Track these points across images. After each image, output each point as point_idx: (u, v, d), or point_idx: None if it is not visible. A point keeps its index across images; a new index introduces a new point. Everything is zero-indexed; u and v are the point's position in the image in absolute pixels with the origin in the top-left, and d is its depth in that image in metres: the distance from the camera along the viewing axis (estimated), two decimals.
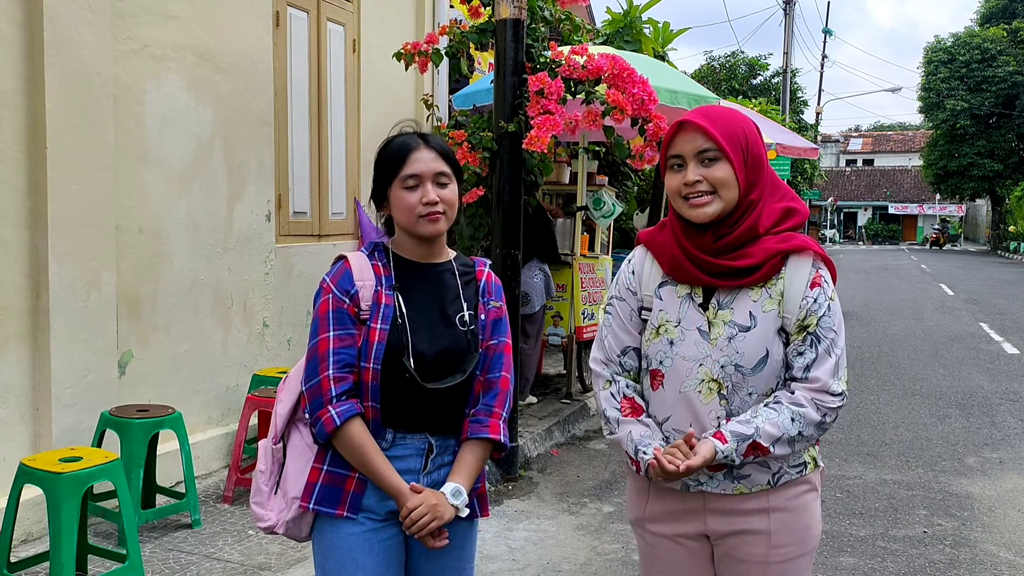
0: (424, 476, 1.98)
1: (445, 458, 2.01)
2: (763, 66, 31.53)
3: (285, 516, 1.99)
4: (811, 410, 1.84)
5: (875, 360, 9.67)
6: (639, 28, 8.84)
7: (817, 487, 1.99)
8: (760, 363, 1.87)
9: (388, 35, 6.59)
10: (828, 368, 1.85)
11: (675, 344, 1.91)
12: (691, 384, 1.89)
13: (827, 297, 1.89)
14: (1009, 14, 38.55)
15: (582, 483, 5.24)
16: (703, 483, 1.91)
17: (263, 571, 3.74)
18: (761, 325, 1.87)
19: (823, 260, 1.92)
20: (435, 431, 1.99)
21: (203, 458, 4.93)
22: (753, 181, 1.90)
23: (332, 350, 1.92)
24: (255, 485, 2.04)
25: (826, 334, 1.86)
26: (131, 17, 4.44)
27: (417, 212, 1.95)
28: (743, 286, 1.88)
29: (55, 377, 4.02)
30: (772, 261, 1.87)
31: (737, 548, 1.94)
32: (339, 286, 1.96)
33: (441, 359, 1.96)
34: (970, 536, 4.47)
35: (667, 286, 1.96)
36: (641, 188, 9.79)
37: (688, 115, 1.92)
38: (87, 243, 4.15)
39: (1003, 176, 38.16)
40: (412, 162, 1.96)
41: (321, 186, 6.02)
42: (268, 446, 2.05)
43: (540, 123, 4.94)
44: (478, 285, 2.08)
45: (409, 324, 1.95)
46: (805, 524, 1.95)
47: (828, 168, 51.51)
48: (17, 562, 3.52)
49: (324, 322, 1.94)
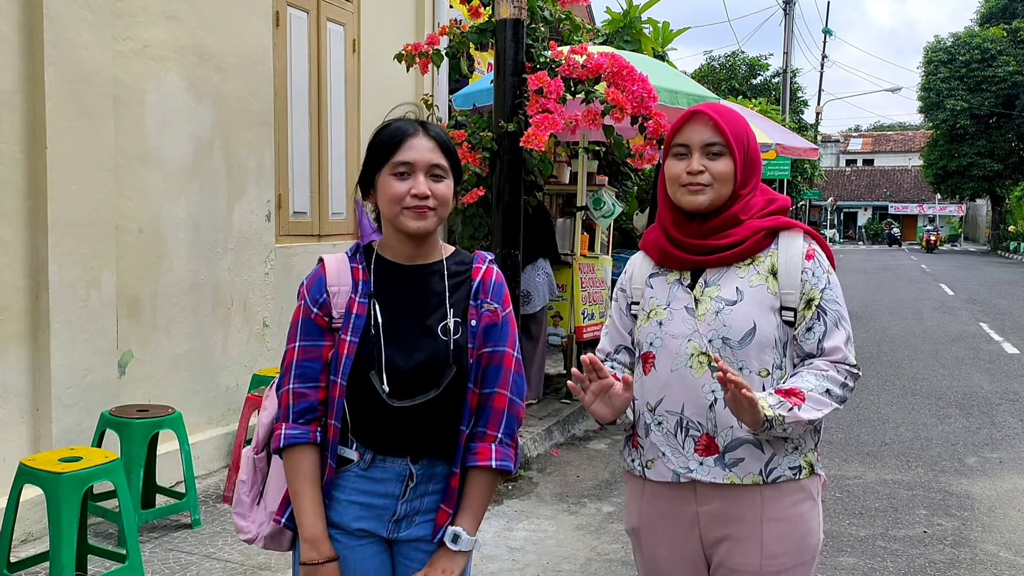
0: (403, 503, 1.83)
1: (429, 486, 1.84)
2: (763, 66, 31.54)
3: (264, 531, 1.89)
4: (834, 372, 1.85)
5: (875, 360, 9.66)
6: (639, 28, 8.84)
7: (814, 497, 1.95)
8: (747, 335, 1.87)
9: (388, 35, 6.59)
10: (840, 339, 1.87)
11: (664, 324, 1.94)
12: (682, 360, 1.90)
13: (824, 270, 1.91)
14: (1009, 14, 38.53)
15: (582, 483, 5.24)
16: (694, 470, 1.90)
17: (263, 571, 3.74)
18: (748, 298, 1.88)
19: (814, 237, 1.96)
20: (418, 454, 1.81)
21: (203, 458, 4.93)
22: (747, 180, 1.95)
23: (296, 362, 1.81)
24: (236, 495, 1.93)
25: (831, 306, 1.89)
26: (131, 17, 4.44)
27: (403, 203, 1.77)
28: (730, 263, 1.92)
29: (55, 377, 4.02)
30: (756, 237, 1.91)
31: (730, 557, 1.92)
32: (310, 293, 1.84)
33: (418, 373, 1.77)
34: (970, 536, 4.47)
35: (657, 276, 2.02)
36: (641, 188, 9.79)
37: (700, 106, 1.96)
38: (87, 243, 4.15)
39: (1003, 176, 38.15)
40: (406, 149, 1.78)
41: (321, 186, 6.02)
42: (250, 455, 1.92)
43: (538, 122, 4.94)
44: (471, 286, 1.86)
45: (384, 335, 1.78)
46: (801, 534, 1.91)
47: (828, 168, 51.50)
48: (17, 562, 3.52)
49: (293, 331, 1.84)
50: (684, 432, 1.91)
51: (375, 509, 1.84)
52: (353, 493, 1.83)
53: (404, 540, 1.87)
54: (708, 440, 1.89)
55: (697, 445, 1.90)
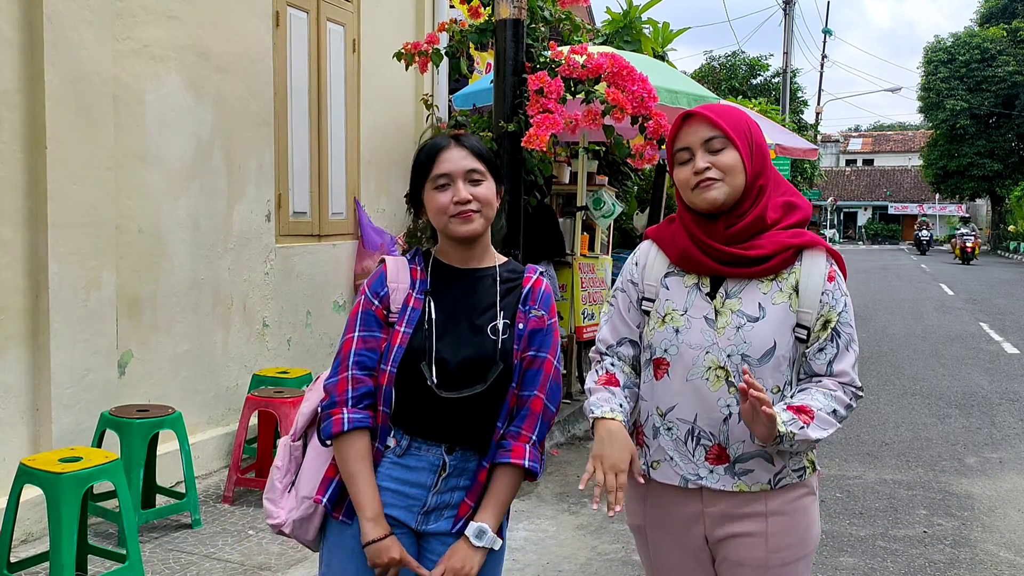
0: (434, 494, 1.93)
1: (460, 481, 1.94)
2: (763, 66, 31.51)
3: (294, 515, 1.96)
4: (841, 392, 1.87)
5: (875, 360, 9.66)
6: (639, 28, 8.83)
7: (815, 490, 1.99)
8: (767, 354, 1.87)
9: (388, 35, 6.59)
10: (849, 362, 1.89)
11: (680, 332, 1.92)
12: (698, 372, 1.89)
13: (842, 292, 1.92)
14: (1009, 14, 38.53)
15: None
16: (703, 477, 1.91)
17: (263, 571, 3.74)
18: (770, 316, 1.87)
19: (835, 257, 1.95)
20: (454, 444, 1.91)
21: (203, 458, 4.93)
22: (759, 169, 1.92)
23: (354, 351, 1.91)
24: (270, 481, 2.02)
25: (845, 329, 1.89)
26: (131, 17, 4.44)
27: (448, 212, 1.90)
28: (752, 277, 1.89)
29: (55, 377, 4.02)
30: (783, 255, 1.89)
31: (735, 552, 1.93)
32: (372, 288, 1.96)
33: (463, 368, 1.89)
34: (970, 536, 4.47)
35: (673, 276, 1.98)
36: (641, 188, 9.79)
37: (692, 110, 1.96)
38: (87, 243, 4.15)
39: (1003, 176, 38.15)
40: (441, 162, 1.92)
41: (321, 186, 6.02)
42: (287, 443, 2.03)
43: (539, 121, 4.94)
44: (521, 292, 1.99)
45: (436, 329, 1.90)
46: (804, 527, 1.94)
47: (828, 168, 51.52)
48: (17, 562, 3.51)
49: (352, 323, 1.94)
50: (695, 441, 1.91)
51: (407, 498, 1.92)
52: (386, 480, 1.91)
53: (431, 533, 1.94)
54: (720, 450, 1.90)
55: (708, 454, 1.90)
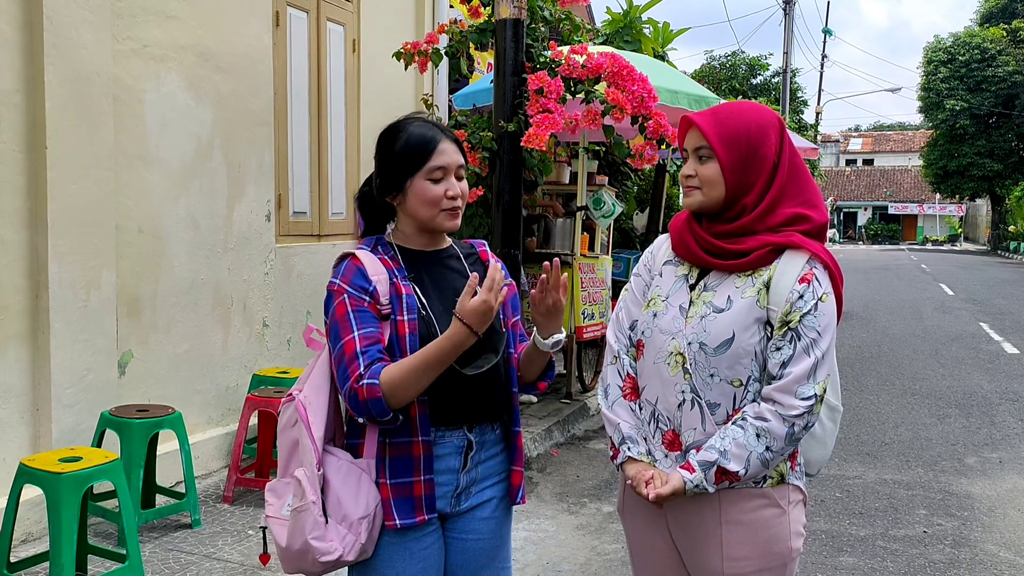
0: (464, 475, 1.96)
1: (483, 454, 1.99)
2: (763, 66, 31.50)
3: (355, 541, 1.84)
4: (776, 423, 1.82)
5: (875, 360, 9.67)
6: (639, 28, 8.84)
7: (781, 505, 1.92)
8: (723, 345, 1.86)
9: (388, 35, 6.59)
10: (803, 368, 1.82)
11: (657, 317, 1.98)
12: (662, 356, 1.94)
13: (815, 296, 1.85)
14: (1009, 14, 38.56)
15: (582, 483, 5.24)
16: (659, 461, 1.95)
17: (263, 571, 3.74)
18: (735, 309, 1.88)
19: (822, 261, 1.89)
20: (473, 423, 1.95)
21: (203, 458, 4.93)
22: (747, 182, 1.90)
23: (360, 350, 1.81)
24: (307, 520, 1.82)
25: (807, 332, 1.83)
26: (131, 17, 4.44)
27: (440, 205, 1.91)
28: (732, 271, 1.92)
29: (55, 377, 4.02)
30: (761, 251, 1.89)
31: (695, 556, 1.96)
32: (354, 284, 1.86)
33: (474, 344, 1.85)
34: (970, 536, 4.47)
35: (670, 265, 2.04)
36: (641, 188, 9.79)
37: (697, 113, 2.00)
38: (87, 243, 4.15)
39: (1003, 176, 38.16)
40: (439, 153, 1.90)
41: (321, 186, 6.02)
42: (312, 475, 1.85)
43: (539, 121, 4.94)
44: (485, 265, 2.04)
45: (433, 312, 1.91)
46: (763, 540, 1.90)
47: (828, 168, 51.51)
48: (17, 562, 3.52)
49: (345, 324, 1.83)
50: (655, 423, 1.97)
51: (439, 487, 1.93)
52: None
53: (464, 511, 1.99)
54: (673, 436, 1.94)
55: (664, 439, 1.95)
